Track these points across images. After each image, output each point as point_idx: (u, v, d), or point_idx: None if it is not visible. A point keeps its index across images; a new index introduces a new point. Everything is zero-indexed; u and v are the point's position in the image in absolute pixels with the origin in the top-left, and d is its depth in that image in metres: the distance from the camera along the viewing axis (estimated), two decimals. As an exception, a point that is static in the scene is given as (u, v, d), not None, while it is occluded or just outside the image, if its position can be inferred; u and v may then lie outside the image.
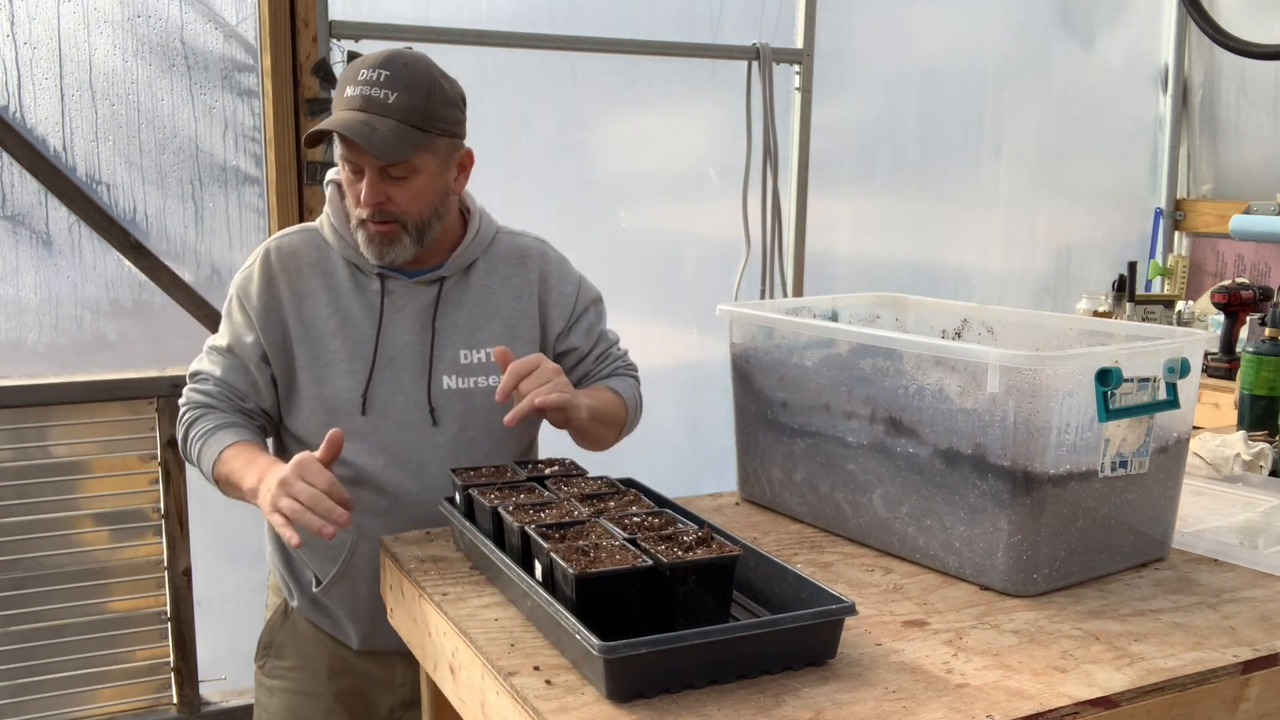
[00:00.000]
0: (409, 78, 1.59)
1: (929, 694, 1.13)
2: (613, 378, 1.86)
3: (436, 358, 1.71)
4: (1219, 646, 1.25)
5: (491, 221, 1.82)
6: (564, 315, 1.83)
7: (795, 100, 3.16)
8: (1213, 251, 4.01)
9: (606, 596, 1.16)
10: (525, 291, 1.80)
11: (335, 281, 1.71)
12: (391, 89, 1.58)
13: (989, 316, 1.82)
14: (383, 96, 1.58)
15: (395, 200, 1.62)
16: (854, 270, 3.40)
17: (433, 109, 1.61)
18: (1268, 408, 2.13)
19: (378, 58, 1.61)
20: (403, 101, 1.58)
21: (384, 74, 1.58)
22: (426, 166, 1.63)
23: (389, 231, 1.64)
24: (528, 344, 1.77)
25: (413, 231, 1.66)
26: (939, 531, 1.47)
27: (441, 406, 1.70)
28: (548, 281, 1.83)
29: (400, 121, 1.58)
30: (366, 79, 1.59)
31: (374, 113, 1.57)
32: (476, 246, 1.76)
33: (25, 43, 2.31)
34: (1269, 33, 3.51)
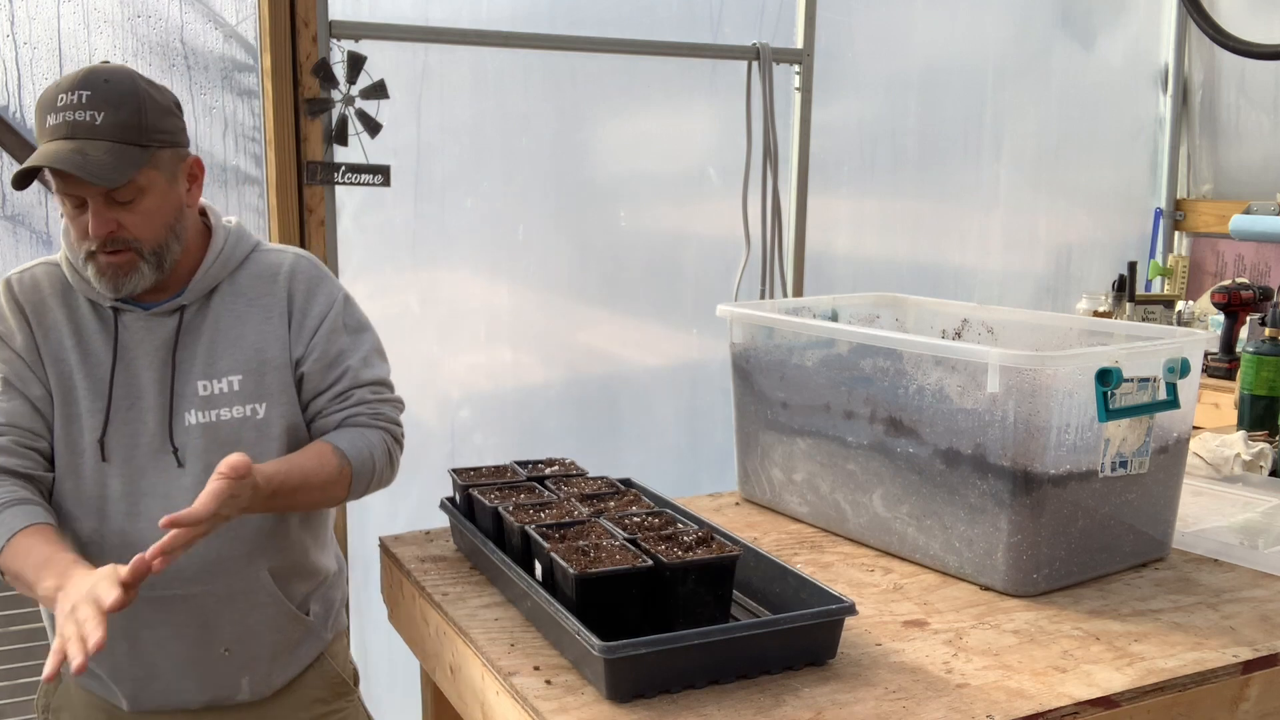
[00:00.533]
0: (113, 94, 1.46)
1: (929, 694, 1.13)
2: (344, 428, 1.64)
3: (178, 393, 1.57)
4: (1219, 646, 1.25)
5: (247, 239, 1.67)
6: (303, 340, 1.65)
7: (795, 100, 3.16)
8: (1213, 251, 4.00)
9: (606, 596, 1.16)
10: (275, 312, 1.64)
11: (78, 316, 1.57)
12: (97, 109, 1.45)
13: (989, 316, 1.82)
14: (89, 119, 1.45)
15: (127, 226, 1.49)
16: (854, 270, 3.40)
17: (147, 121, 1.48)
18: (1268, 408, 2.13)
19: (74, 79, 1.47)
20: (112, 119, 1.45)
21: (84, 94, 1.45)
22: (154, 184, 1.50)
23: (124, 261, 1.51)
24: (279, 369, 1.62)
25: (150, 257, 1.52)
26: (939, 531, 1.47)
27: (185, 445, 1.56)
28: (294, 300, 1.65)
29: (114, 142, 1.45)
30: (67, 103, 1.45)
31: (83, 137, 1.44)
32: (219, 269, 1.61)
33: (25, 43, 2.31)
34: (1269, 33, 3.51)
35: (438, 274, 2.75)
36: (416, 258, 2.71)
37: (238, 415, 1.59)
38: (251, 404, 1.60)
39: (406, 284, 2.70)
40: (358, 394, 1.66)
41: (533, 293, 2.87)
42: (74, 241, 1.52)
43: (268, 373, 1.61)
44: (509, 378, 2.87)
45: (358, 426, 1.64)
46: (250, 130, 2.50)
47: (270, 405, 1.60)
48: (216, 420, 1.58)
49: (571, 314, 2.95)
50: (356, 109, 2.50)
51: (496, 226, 2.80)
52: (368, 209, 2.62)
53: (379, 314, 2.66)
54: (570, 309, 2.95)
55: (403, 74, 2.60)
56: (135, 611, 1.52)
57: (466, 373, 2.80)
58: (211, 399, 1.58)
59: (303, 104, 2.45)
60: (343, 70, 2.48)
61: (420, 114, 2.66)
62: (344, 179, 2.50)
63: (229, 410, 1.59)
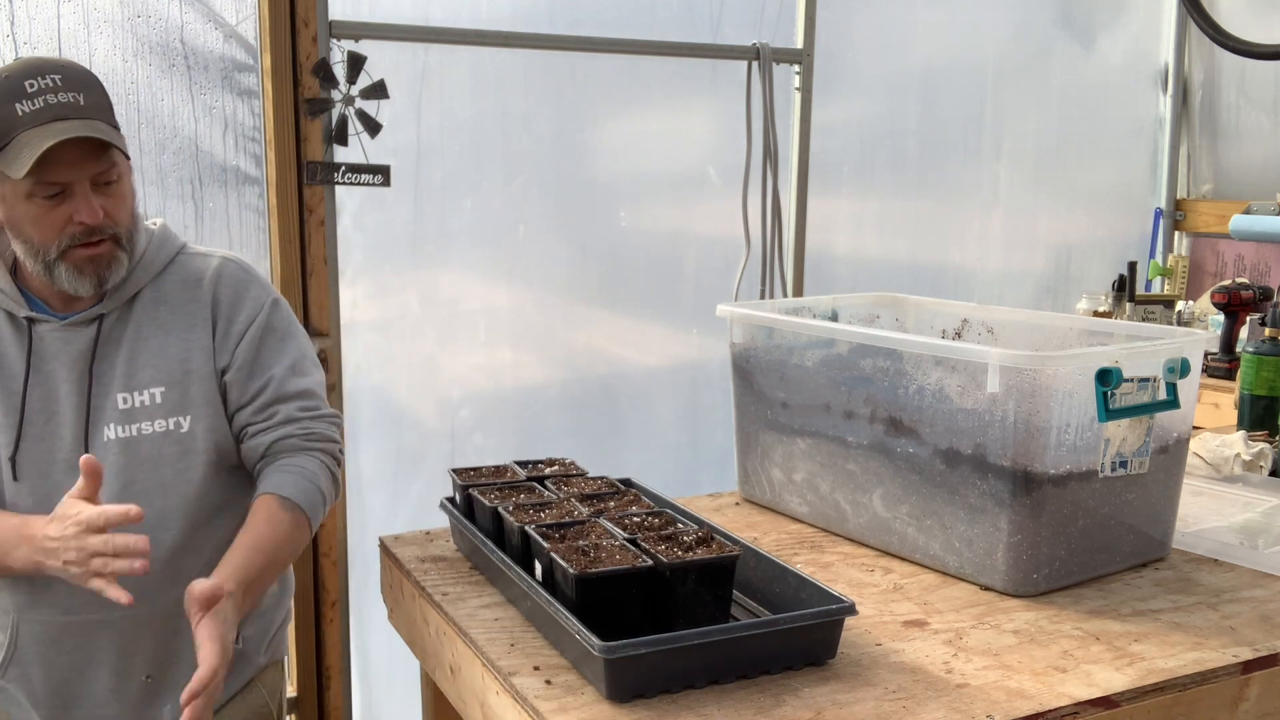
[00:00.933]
0: (79, 76, 1.44)
1: (929, 694, 1.13)
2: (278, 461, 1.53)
3: (95, 406, 1.49)
4: (1219, 646, 1.25)
5: (172, 241, 1.59)
6: (228, 348, 1.56)
7: (795, 100, 3.16)
8: (1213, 251, 4.00)
9: (606, 596, 1.16)
10: (199, 319, 1.55)
11: None
12: (75, 91, 1.41)
13: (989, 316, 1.82)
14: (73, 100, 1.41)
15: (110, 212, 1.44)
16: (854, 270, 3.40)
17: (109, 103, 1.47)
18: (1268, 408, 2.13)
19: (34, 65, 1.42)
20: (91, 100, 1.43)
21: (55, 78, 1.40)
22: (126, 168, 1.48)
23: (104, 252, 1.45)
24: (204, 379, 1.53)
25: (126, 245, 1.48)
26: (939, 531, 1.47)
27: (103, 461, 1.44)
28: (219, 305, 1.57)
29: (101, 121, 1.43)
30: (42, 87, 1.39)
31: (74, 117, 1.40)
32: (141, 274, 1.53)
33: (25, 43, 2.31)
34: (1269, 33, 3.51)
35: (438, 274, 2.75)
36: (416, 258, 2.71)
37: (159, 429, 1.51)
38: (175, 417, 1.52)
39: (406, 284, 2.70)
40: (284, 410, 1.55)
41: (533, 293, 2.87)
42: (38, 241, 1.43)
43: (192, 384, 1.53)
44: (509, 378, 2.87)
45: (290, 454, 1.53)
46: (250, 130, 2.50)
47: (195, 418, 1.53)
48: (137, 435, 1.50)
49: (571, 314, 2.95)
50: (356, 109, 2.50)
51: (496, 226, 2.80)
52: (368, 209, 2.61)
53: (379, 314, 2.67)
54: (570, 309, 2.95)
55: (403, 74, 2.60)
56: (54, 637, 1.50)
57: (466, 373, 2.80)
58: (131, 412, 1.50)
59: (303, 104, 2.45)
60: (343, 70, 2.48)
61: (420, 114, 2.66)
62: (344, 179, 2.50)
63: (150, 424, 1.51)
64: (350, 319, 2.60)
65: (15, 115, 1.38)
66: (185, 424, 1.52)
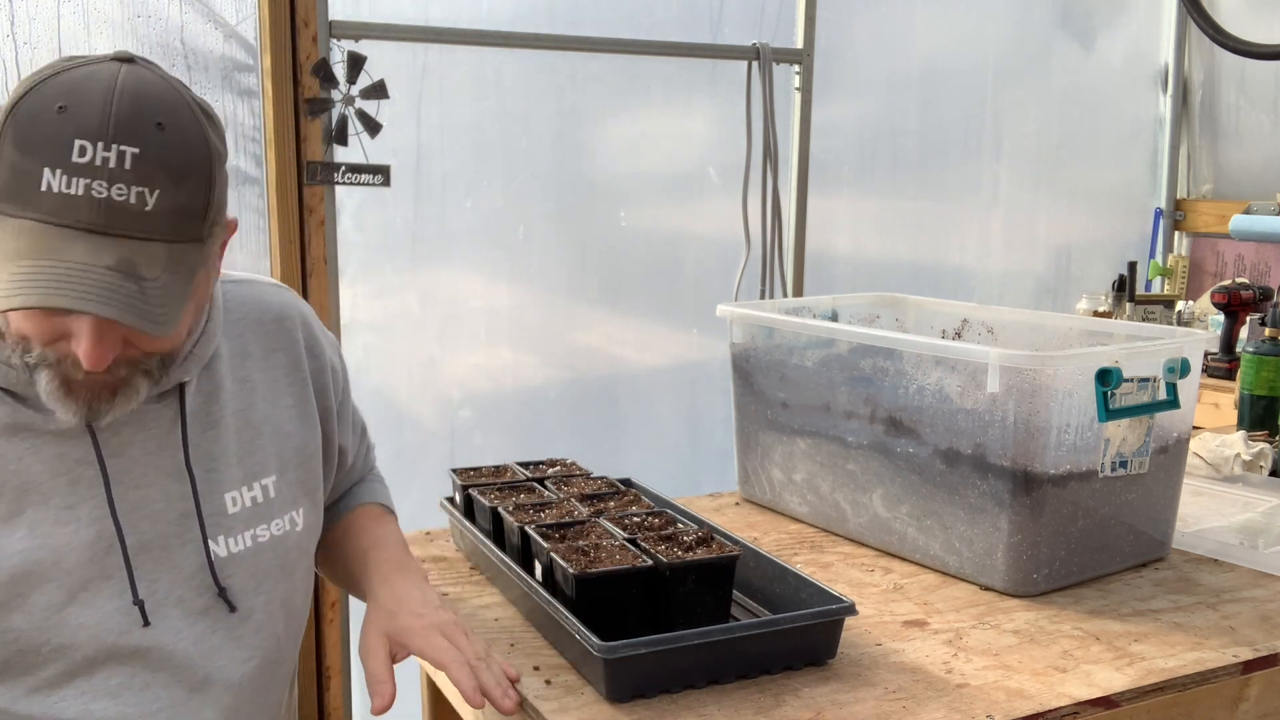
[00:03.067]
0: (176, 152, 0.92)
1: (929, 694, 1.13)
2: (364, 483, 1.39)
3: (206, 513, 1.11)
4: (1219, 646, 1.25)
5: None
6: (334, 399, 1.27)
7: (795, 100, 3.16)
8: (1213, 251, 4.00)
9: (606, 596, 1.16)
10: (295, 371, 1.21)
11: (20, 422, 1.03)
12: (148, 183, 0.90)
13: (989, 316, 1.82)
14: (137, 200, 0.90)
15: (142, 344, 0.99)
16: (854, 270, 3.40)
17: (215, 198, 0.97)
18: (1268, 408, 2.13)
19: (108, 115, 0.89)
20: (170, 202, 0.92)
21: (129, 151, 0.89)
22: (203, 280, 1.01)
23: (116, 381, 1.00)
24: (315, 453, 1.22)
25: (157, 369, 1.04)
26: (939, 531, 1.47)
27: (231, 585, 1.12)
28: (315, 347, 1.25)
29: (171, 241, 0.94)
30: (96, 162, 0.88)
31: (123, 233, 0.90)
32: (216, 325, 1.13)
33: (25, 43, 2.31)
34: (1269, 33, 3.51)
35: (438, 274, 2.75)
36: (416, 258, 2.71)
37: (276, 531, 1.17)
38: (289, 512, 1.19)
39: (406, 284, 2.70)
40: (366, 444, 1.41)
41: (533, 293, 2.87)
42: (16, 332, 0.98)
43: (306, 461, 1.21)
44: (509, 378, 2.87)
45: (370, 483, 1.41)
46: (250, 130, 2.50)
47: (308, 508, 1.22)
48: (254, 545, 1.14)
49: (571, 314, 2.95)
50: (356, 109, 2.50)
51: (496, 226, 2.80)
52: (368, 209, 2.62)
53: (379, 314, 2.67)
54: (570, 309, 2.95)
55: (403, 74, 2.60)
56: None
57: (466, 373, 2.80)
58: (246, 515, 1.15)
59: (303, 104, 2.45)
60: (343, 70, 2.48)
61: (420, 114, 2.66)
62: (344, 179, 2.50)
63: (267, 526, 1.16)
64: (350, 319, 2.60)
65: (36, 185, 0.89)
66: (299, 519, 1.20)
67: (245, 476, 1.15)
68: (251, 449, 1.16)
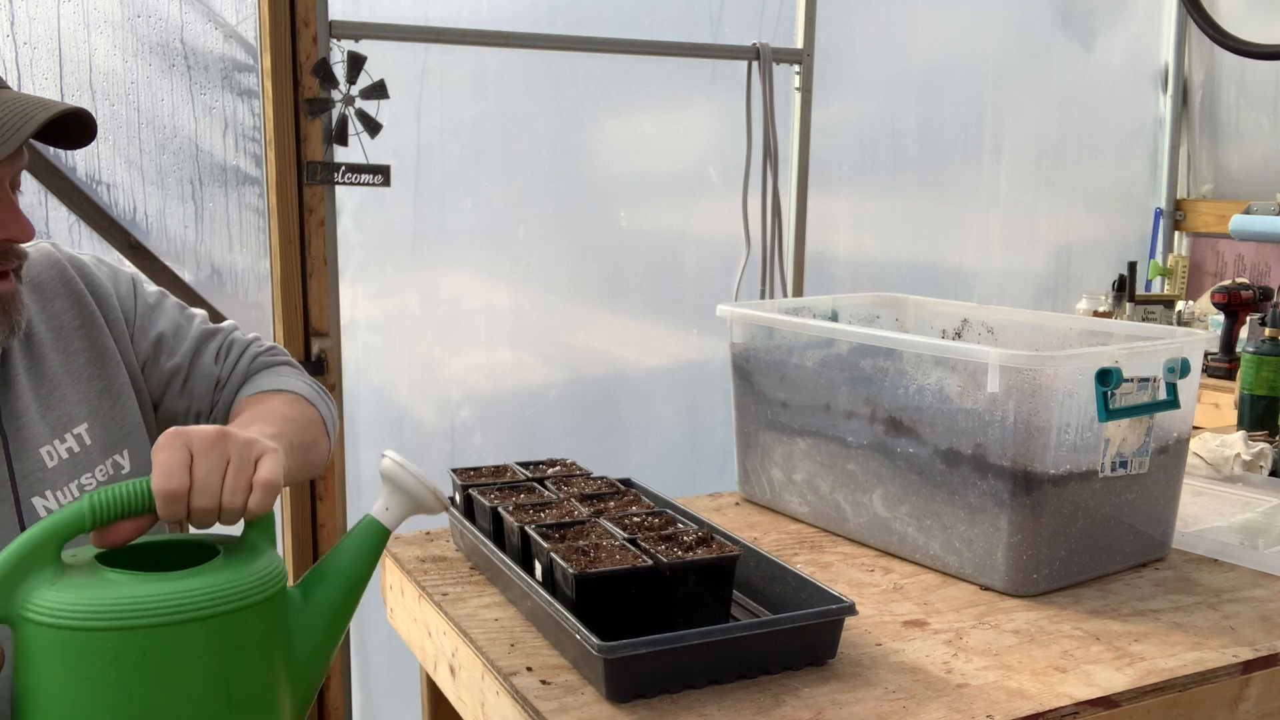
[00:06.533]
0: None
1: (929, 694, 1.13)
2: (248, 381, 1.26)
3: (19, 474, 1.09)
4: (1219, 646, 1.25)
5: None
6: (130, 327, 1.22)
7: (795, 100, 3.16)
8: (1213, 251, 4.00)
9: (606, 596, 1.16)
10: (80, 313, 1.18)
11: None
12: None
13: (989, 316, 1.82)
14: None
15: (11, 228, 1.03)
16: (854, 270, 3.40)
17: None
18: (1268, 408, 2.13)
19: None
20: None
21: None
22: None
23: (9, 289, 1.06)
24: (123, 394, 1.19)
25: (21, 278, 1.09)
26: (939, 531, 1.47)
27: None
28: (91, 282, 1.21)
29: None
30: None
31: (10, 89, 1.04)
32: None
33: (25, 43, 2.31)
34: (1269, 33, 3.51)
35: (438, 274, 2.75)
36: (416, 258, 2.71)
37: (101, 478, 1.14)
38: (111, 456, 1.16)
39: (406, 284, 2.70)
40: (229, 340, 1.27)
41: (533, 293, 2.87)
42: None
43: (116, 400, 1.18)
44: (509, 378, 2.87)
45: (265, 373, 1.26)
46: (250, 130, 2.50)
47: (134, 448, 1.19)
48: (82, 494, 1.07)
49: (571, 314, 2.95)
50: (356, 109, 2.50)
51: (496, 226, 2.80)
52: (368, 209, 2.62)
53: (379, 314, 2.67)
54: (570, 309, 2.95)
55: (403, 74, 2.60)
56: None
57: (466, 373, 2.80)
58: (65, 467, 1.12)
59: (303, 104, 2.45)
60: (343, 70, 2.48)
61: (420, 114, 2.66)
62: (344, 179, 2.50)
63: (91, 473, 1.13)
64: (350, 319, 2.61)
65: None
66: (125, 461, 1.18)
67: (53, 430, 1.12)
68: (51, 402, 1.13)
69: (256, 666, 0.90)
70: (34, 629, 0.85)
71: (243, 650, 0.89)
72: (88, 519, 0.89)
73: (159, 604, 0.85)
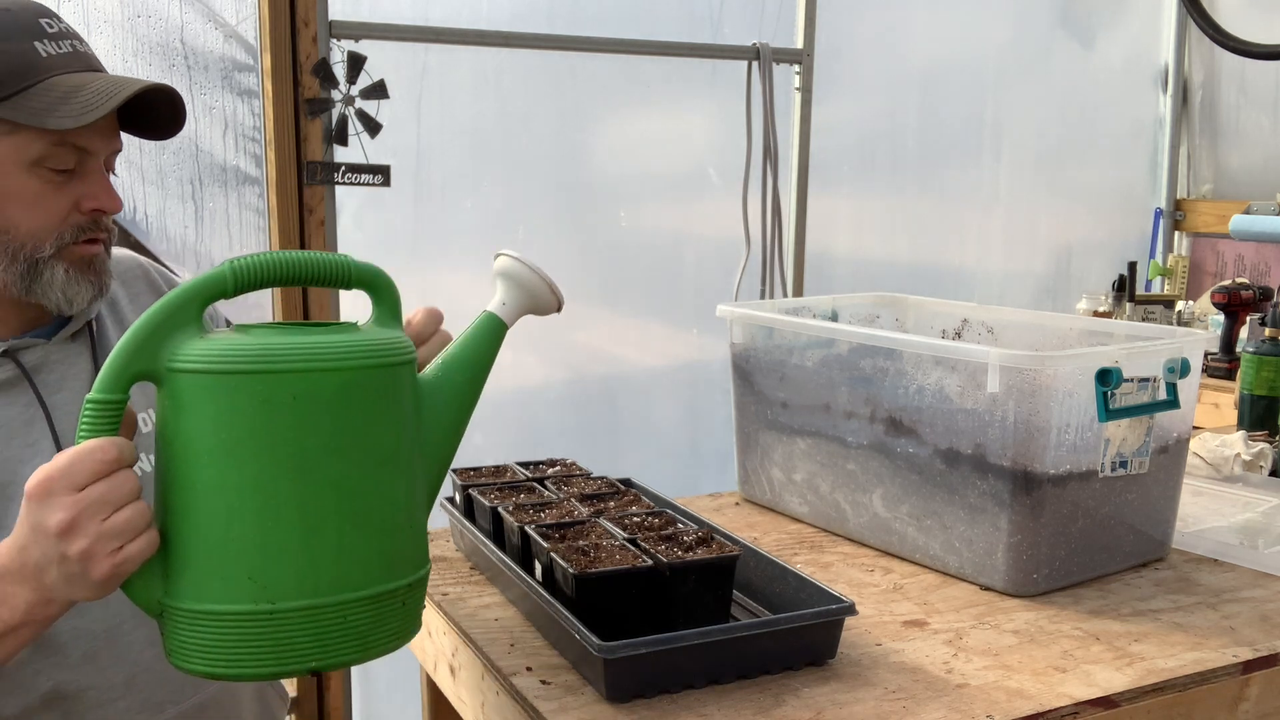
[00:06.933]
0: None
1: (929, 694, 1.13)
2: None
3: None
4: (1219, 646, 1.25)
5: None
6: None
7: (795, 100, 3.16)
8: (1213, 251, 4.00)
9: (606, 596, 1.16)
10: None
11: None
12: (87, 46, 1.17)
13: (989, 316, 1.82)
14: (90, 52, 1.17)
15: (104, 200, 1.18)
16: (854, 270, 3.40)
17: None
18: (1268, 408, 2.13)
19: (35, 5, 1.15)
20: None
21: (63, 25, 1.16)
22: None
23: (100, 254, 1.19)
24: None
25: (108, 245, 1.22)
26: (939, 531, 1.47)
27: None
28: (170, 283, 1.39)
29: None
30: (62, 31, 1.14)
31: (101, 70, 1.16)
32: None
33: (25, 43, 2.31)
34: (1269, 33, 3.51)
35: (438, 274, 2.75)
36: (416, 258, 2.71)
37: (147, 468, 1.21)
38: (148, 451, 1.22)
39: (406, 284, 2.69)
40: None
41: (533, 293, 2.87)
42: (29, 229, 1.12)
43: None
44: (509, 378, 2.87)
45: None
46: (250, 130, 2.50)
47: None
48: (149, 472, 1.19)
49: (571, 314, 2.94)
50: (356, 109, 2.50)
51: (496, 227, 2.80)
52: (368, 209, 2.62)
53: (379, 314, 2.67)
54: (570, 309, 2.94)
55: (403, 74, 2.60)
56: None
57: (466, 373, 2.80)
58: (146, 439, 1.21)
59: (303, 104, 2.45)
60: (343, 70, 2.48)
61: (420, 114, 2.66)
62: (344, 179, 2.50)
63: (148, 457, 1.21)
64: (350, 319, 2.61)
65: (38, 55, 1.10)
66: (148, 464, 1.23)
67: (146, 399, 1.22)
68: None
69: (394, 426, 0.94)
70: (184, 378, 0.87)
71: (382, 406, 0.93)
72: (229, 282, 0.92)
73: (304, 351, 0.89)
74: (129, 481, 0.87)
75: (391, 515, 0.93)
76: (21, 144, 1.09)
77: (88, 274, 1.17)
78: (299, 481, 0.88)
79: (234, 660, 0.87)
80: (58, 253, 1.14)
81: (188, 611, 0.88)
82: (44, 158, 1.11)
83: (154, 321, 0.89)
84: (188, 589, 0.88)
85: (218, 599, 0.87)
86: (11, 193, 1.11)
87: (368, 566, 0.91)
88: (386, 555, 0.92)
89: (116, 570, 0.86)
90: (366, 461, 0.91)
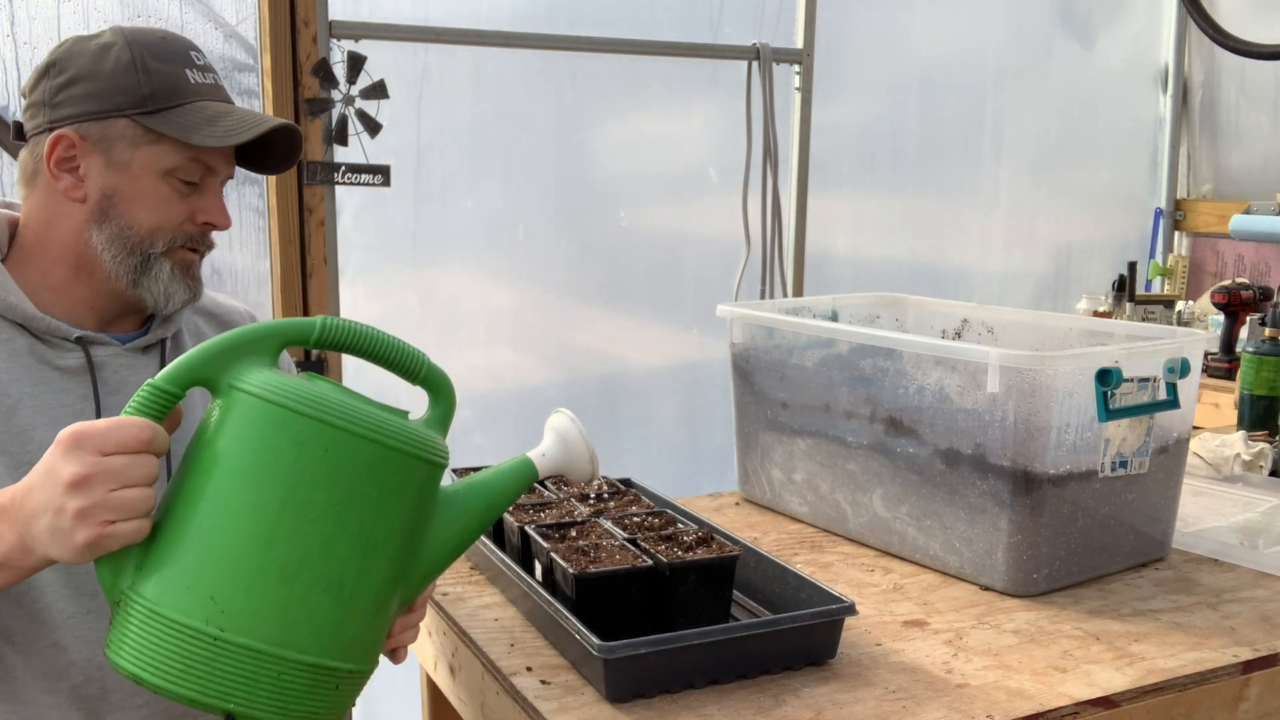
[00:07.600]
0: None
1: (929, 694, 1.13)
2: None
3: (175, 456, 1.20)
4: (1219, 646, 1.25)
5: None
6: None
7: (795, 100, 3.16)
8: (1213, 251, 4.00)
9: (606, 596, 1.16)
10: None
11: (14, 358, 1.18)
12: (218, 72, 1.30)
13: (989, 316, 1.82)
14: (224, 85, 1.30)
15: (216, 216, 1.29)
16: (854, 270, 3.40)
17: None
18: (1268, 408, 2.13)
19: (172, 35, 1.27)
20: None
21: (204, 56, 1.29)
22: None
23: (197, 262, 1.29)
24: None
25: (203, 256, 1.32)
26: (939, 531, 1.47)
27: None
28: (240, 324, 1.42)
29: None
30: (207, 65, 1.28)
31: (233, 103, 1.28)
32: None
33: (25, 43, 2.31)
34: (1269, 33, 3.51)
35: (438, 274, 2.75)
36: (416, 258, 2.71)
37: None
38: None
39: (406, 284, 2.70)
40: None
41: (533, 293, 2.87)
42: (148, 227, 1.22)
43: None
44: (509, 378, 2.87)
45: None
46: (250, 130, 2.50)
47: None
48: None
49: (571, 314, 2.95)
50: (356, 109, 2.50)
51: (496, 226, 2.80)
52: (368, 209, 2.62)
53: (379, 314, 2.67)
54: (570, 309, 2.95)
55: (403, 74, 2.60)
56: None
57: (466, 373, 2.80)
58: None
59: (303, 104, 2.45)
60: (343, 70, 2.48)
61: (420, 114, 2.66)
62: (344, 179, 2.50)
63: None
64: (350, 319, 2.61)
65: (187, 81, 1.23)
66: None
67: None
68: None
69: (402, 517, 0.96)
70: (240, 396, 0.91)
71: (400, 493, 0.95)
72: (315, 333, 0.98)
73: (354, 414, 0.92)
74: (149, 465, 0.89)
75: (363, 598, 0.93)
76: (161, 153, 1.21)
77: (186, 277, 1.26)
78: (296, 527, 0.89)
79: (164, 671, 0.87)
80: (166, 252, 1.24)
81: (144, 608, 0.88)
82: (176, 169, 1.22)
83: (233, 340, 0.93)
84: (153, 587, 0.88)
85: (175, 607, 0.87)
86: (141, 194, 1.22)
87: (321, 635, 0.91)
88: (343, 633, 0.92)
89: (99, 541, 0.87)
90: (363, 537, 0.92)
